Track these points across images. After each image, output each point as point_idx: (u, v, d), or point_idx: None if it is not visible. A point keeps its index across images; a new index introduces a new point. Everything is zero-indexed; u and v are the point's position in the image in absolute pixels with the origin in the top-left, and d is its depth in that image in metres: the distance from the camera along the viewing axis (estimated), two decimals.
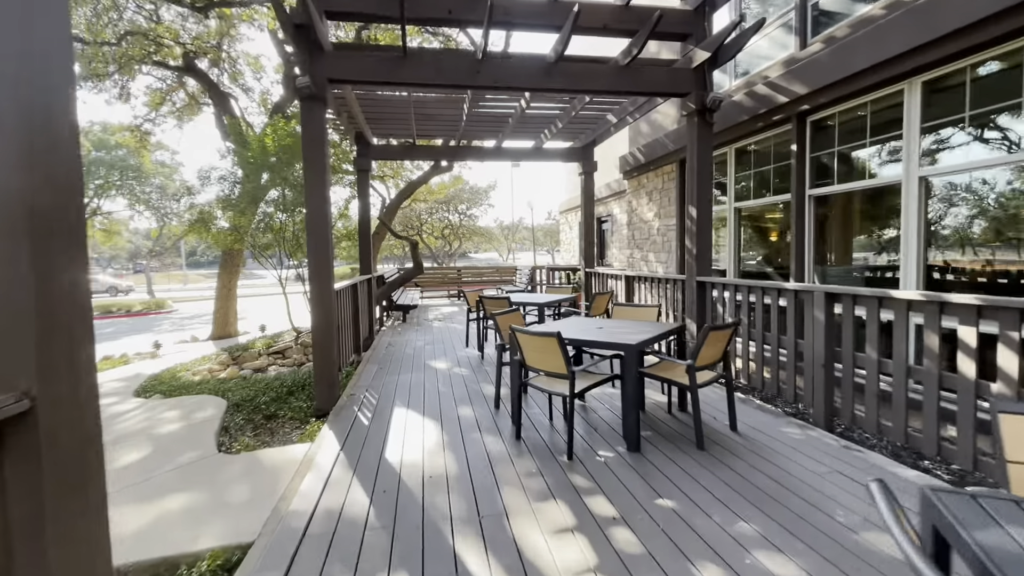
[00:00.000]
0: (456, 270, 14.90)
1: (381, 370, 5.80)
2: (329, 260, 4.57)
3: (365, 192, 8.10)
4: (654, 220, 7.71)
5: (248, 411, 4.76)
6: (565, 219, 16.04)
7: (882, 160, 4.32)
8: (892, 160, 4.22)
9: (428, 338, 7.98)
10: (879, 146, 4.31)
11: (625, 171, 8.57)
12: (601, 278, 8.03)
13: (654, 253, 7.73)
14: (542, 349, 3.20)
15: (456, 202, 32.93)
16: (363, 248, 8.13)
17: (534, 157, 8.67)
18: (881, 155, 4.32)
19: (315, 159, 4.46)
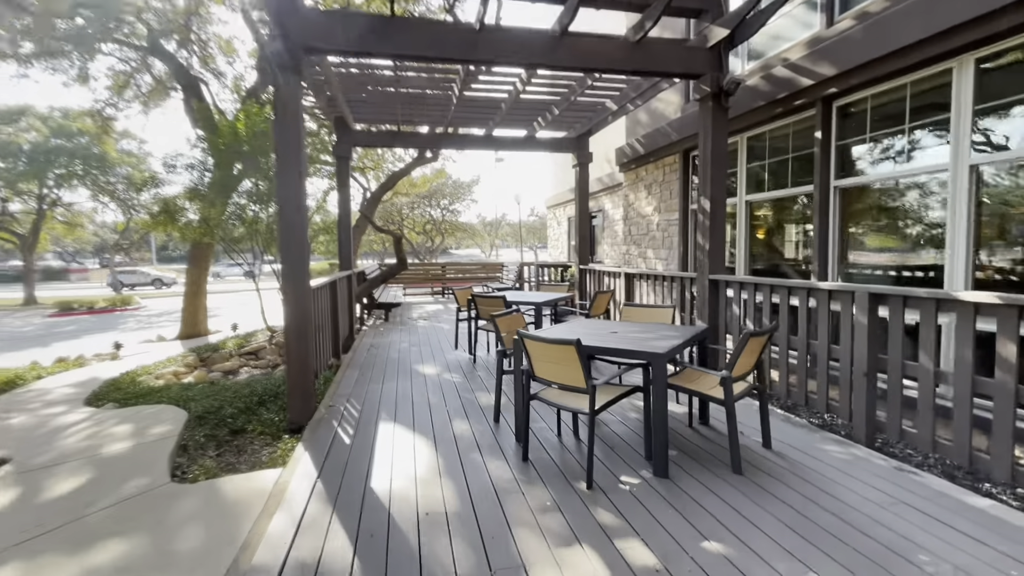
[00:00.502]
0: (440, 267, 14.35)
1: (363, 376, 5.27)
2: (305, 255, 4.03)
3: (345, 182, 7.52)
4: (653, 215, 7.33)
5: (212, 425, 4.19)
6: (553, 214, 15.61)
7: (923, 147, 3.97)
8: (935, 147, 3.87)
9: (413, 339, 7.46)
10: (919, 132, 3.96)
11: (622, 163, 8.16)
12: (597, 276, 7.61)
13: (653, 250, 7.35)
14: (557, 359, 2.74)
15: (438, 197, 32.24)
16: (343, 242, 7.55)
17: (526, 147, 8.19)
18: (922, 142, 3.97)
19: (289, 140, 3.91)
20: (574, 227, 13.02)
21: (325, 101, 6.58)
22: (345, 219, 7.55)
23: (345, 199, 7.54)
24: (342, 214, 7.54)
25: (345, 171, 7.54)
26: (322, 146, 12.29)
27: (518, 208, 16.30)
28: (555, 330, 3.61)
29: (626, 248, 8.36)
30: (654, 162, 7.24)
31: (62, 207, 25.56)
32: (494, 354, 6.21)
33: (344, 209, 7.55)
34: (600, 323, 3.98)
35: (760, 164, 5.67)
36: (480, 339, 6.50)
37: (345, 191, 7.53)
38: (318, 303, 5.09)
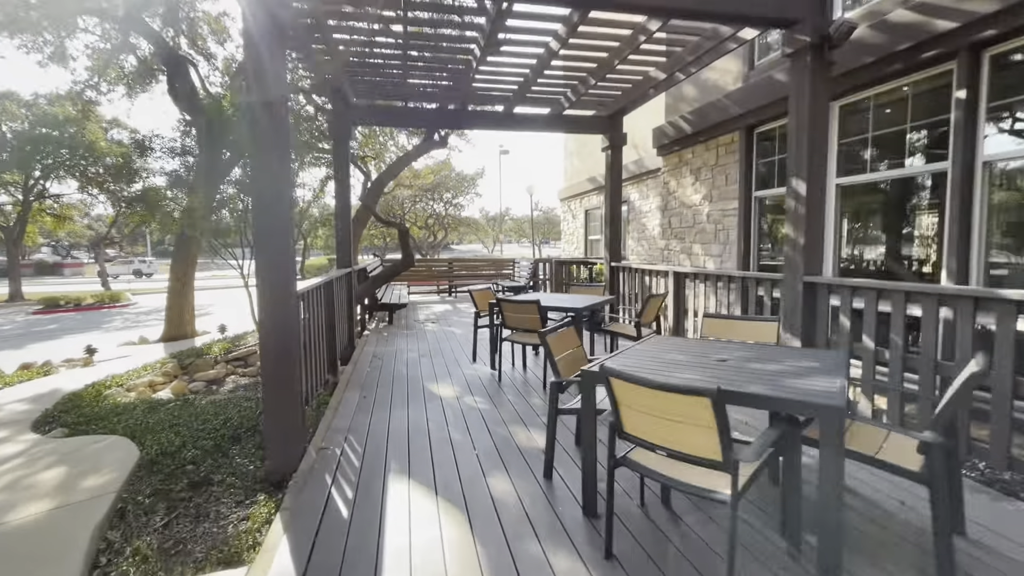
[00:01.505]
0: (447, 263, 13.34)
1: (365, 399, 4.27)
2: (287, 251, 3.03)
3: (344, 166, 6.50)
4: (703, 204, 6.32)
5: (167, 473, 3.20)
6: (567, 207, 14.57)
7: None
8: None
9: (422, 347, 6.46)
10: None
11: (661, 145, 7.14)
12: (633, 275, 6.60)
13: (702, 244, 6.34)
14: (672, 413, 1.74)
15: (441, 190, 31.16)
16: (342, 236, 6.55)
17: (551, 127, 7.16)
18: None
19: (269, 105, 2.90)
20: (599, 220, 11.97)
21: (321, 75, 5.55)
22: (344, 209, 6.54)
23: (344, 187, 6.53)
24: (340, 204, 6.53)
25: (344, 153, 6.52)
26: (320, 134, 11.26)
27: (529, 200, 15.27)
28: (635, 355, 2.60)
29: (664, 243, 7.35)
30: (704, 143, 6.22)
31: (50, 199, 24.52)
32: (522, 368, 5.21)
33: (343, 198, 6.54)
34: (682, 342, 2.97)
35: (859, 139, 4.63)
36: (505, 351, 5.51)
37: (344, 177, 6.51)
38: (311, 309, 4.09)
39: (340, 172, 6.56)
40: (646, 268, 6.22)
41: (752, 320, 3.22)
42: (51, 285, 31.55)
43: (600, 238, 12.25)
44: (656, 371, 2.28)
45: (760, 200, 5.54)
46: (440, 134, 10.51)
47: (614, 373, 1.90)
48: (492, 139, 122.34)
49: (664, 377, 2.10)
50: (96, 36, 12.76)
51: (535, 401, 4.14)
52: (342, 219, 6.59)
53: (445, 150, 16.38)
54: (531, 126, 7.12)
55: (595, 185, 12.06)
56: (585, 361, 3.05)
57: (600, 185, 11.76)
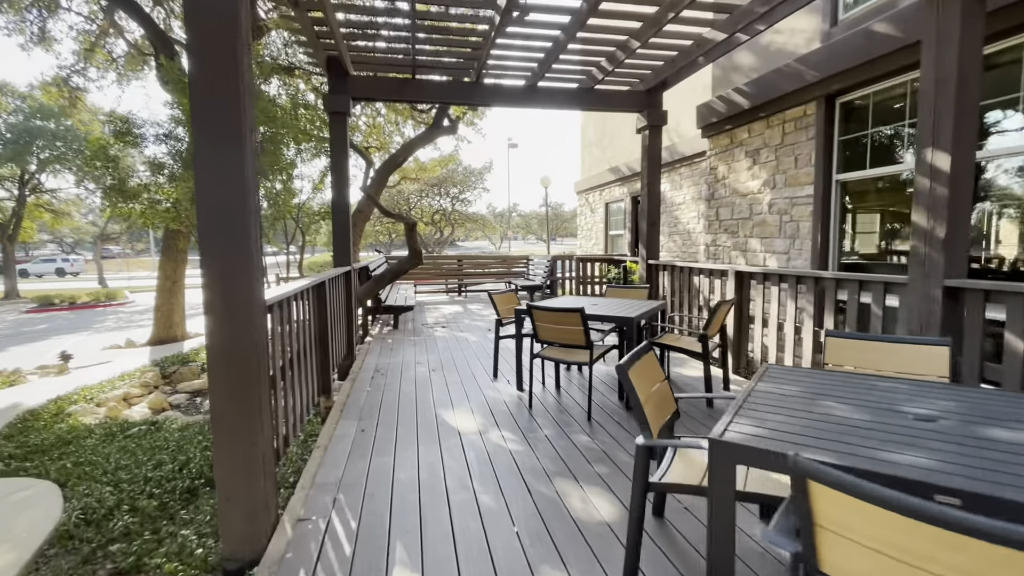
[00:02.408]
0: (456, 260, 12.42)
1: (364, 433, 3.37)
2: (248, 246, 2.13)
3: (341, 150, 5.59)
4: (763, 192, 5.37)
5: (86, 554, 2.31)
6: (585, 201, 13.62)
7: None
8: None
9: (432, 358, 5.56)
10: None
11: (708, 125, 6.18)
12: (680, 275, 5.66)
13: (761, 239, 5.40)
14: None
15: (448, 184, 30.26)
16: (339, 231, 5.65)
17: (579, 103, 6.21)
18: None
19: (221, 59, 2.01)
20: (622, 214, 11.00)
21: (315, 39, 4.63)
22: (341, 201, 5.64)
23: (341, 174, 5.62)
24: (337, 194, 5.62)
25: (341, 134, 5.61)
26: (322, 122, 10.37)
27: (544, 193, 14.29)
28: (768, 410, 1.68)
29: (710, 238, 6.40)
30: (766, 119, 5.27)
31: (47, 194, 23.84)
32: (555, 388, 4.30)
33: (340, 188, 5.64)
34: (820, 380, 2.04)
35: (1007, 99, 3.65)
36: (534, 369, 4.59)
37: (341, 163, 5.60)
38: (298, 316, 3.21)
39: (337, 157, 5.65)
40: (698, 267, 5.28)
41: (907, 343, 2.27)
42: (52, 283, 30.96)
43: (623, 233, 11.30)
44: (840, 444, 1.36)
45: (842, 185, 4.58)
46: (450, 118, 9.58)
47: (824, 477, 0.98)
48: (501, 131, 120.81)
49: (870, 461, 1.19)
50: (82, 17, 11.94)
51: (580, 439, 3.23)
52: (339, 211, 5.68)
53: (453, 140, 15.45)
54: (556, 102, 6.17)
55: (617, 176, 11.10)
56: (672, 400, 2.14)
57: (624, 176, 10.80)
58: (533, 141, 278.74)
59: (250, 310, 2.13)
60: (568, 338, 3.62)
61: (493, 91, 5.97)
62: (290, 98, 10.66)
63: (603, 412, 3.72)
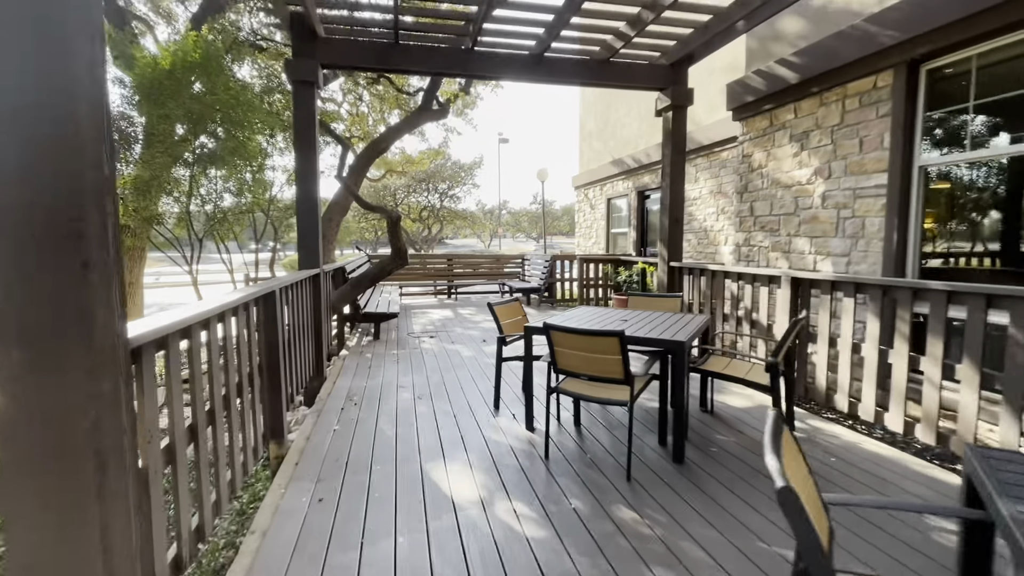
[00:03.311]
0: (445, 259, 11.45)
1: (320, 512, 2.41)
2: (89, 260, 1.16)
3: (308, 128, 4.60)
4: (814, 181, 4.50)
5: None
6: (584, 196, 12.72)
7: None
8: None
9: (419, 380, 4.61)
10: None
11: (742, 105, 5.30)
12: (709, 280, 4.79)
13: (811, 238, 4.53)
14: None
15: (436, 179, 29.19)
16: (305, 227, 4.67)
17: (593, 76, 5.29)
18: None
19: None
20: (626, 210, 10.11)
21: None
22: (309, 191, 4.66)
23: (308, 160, 4.63)
24: (304, 185, 4.64)
25: (307, 110, 4.62)
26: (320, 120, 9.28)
27: (541, 188, 13.32)
28: None
29: (743, 236, 5.52)
30: (819, 94, 4.40)
31: None
32: (572, 423, 3.38)
33: (307, 175, 4.65)
34: None
35: None
36: (550, 403, 3.68)
37: (307, 146, 4.61)
38: (228, 344, 2.27)
39: (303, 137, 4.67)
40: (737, 271, 4.40)
41: None
42: None
43: (626, 231, 10.43)
44: None
45: (926, 172, 3.73)
46: (439, 101, 8.61)
47: None
48: (491, 126, 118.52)
49: None
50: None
51: (623, 514, 2.32)
52: (306, 204, 4.71)
53: (443, 132, 14.53)
54: (566, 75, 5.25)
55: (621, 169, 10.22)
56: (821, 506, 1.24)
57: (629, 169, 9.92)
58: (524, 137, 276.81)
59: (91, 359, 1.18)
60: (600, 369, 2.71)
61: (493, 60, 5.02)
62: (264, 80, 9.62)
63: (643, 465, 2.82)
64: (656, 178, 9.14)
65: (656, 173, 9.14)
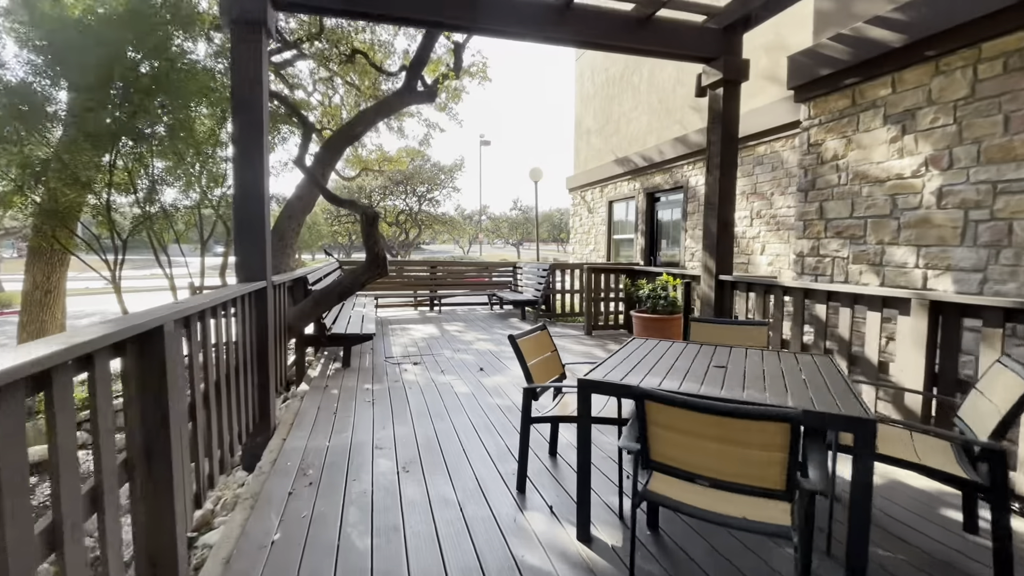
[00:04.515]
0: (428, 267, 10.16)
1: None
2: None
3: (253, 90, 3.33)
4: (922, 174, 3.44)
5: None
6: (580, 198, 11.65)
7: None
8: None
9: (402, 435, 3.35)
10: None
11: (810, 82, 4.26)
12: (780, 301, 3.71)
13: (921, 248, 3.46)
14: None
15: (415, 182, 27.78)
16: (247, 227, 3.38)
17: (629, 37, 4.15)
18: None
19: None
20: (633, 213, 8.95)
21: None
22: (254, 177, 3.38)
23: (251, 137, 3.35)
24: (245, 168, 3.35)
25: (253, 61, 3.34)
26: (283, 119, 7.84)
27: (535, 188, 12.17)
28: None
29: (809, 244, 4.45)
30: (934, 60, 3.35)
31: None
32: (648, 534, 2.19)
33: (251, 157, 3.36)
34: None
35: None
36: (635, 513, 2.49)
37: (252, 108, 3.34)
38: None
39: (246, 104, 3.38)
40: (827, 289, 3.31)
41: None
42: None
43: (632, 237, 9.36)
44: None
45: None
46: (425, 82, 7.38)
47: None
48: (474, 125, 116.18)
49: None
50: None
51: None
52: (248, 193, 3.43)
53: (423, 127, 13.29)
54: (595, 34, 4.10)
55: (627, 168, 9.17)
56: None
57: (636, 168, 8.87)
58: (506, 140, 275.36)
59: None
60: (739, 471, 1.53)
61: (506, 7, 3.84)
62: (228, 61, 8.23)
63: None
64: (670, 178, 8.10)
65: (670, 172, 8.10)
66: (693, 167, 7.47)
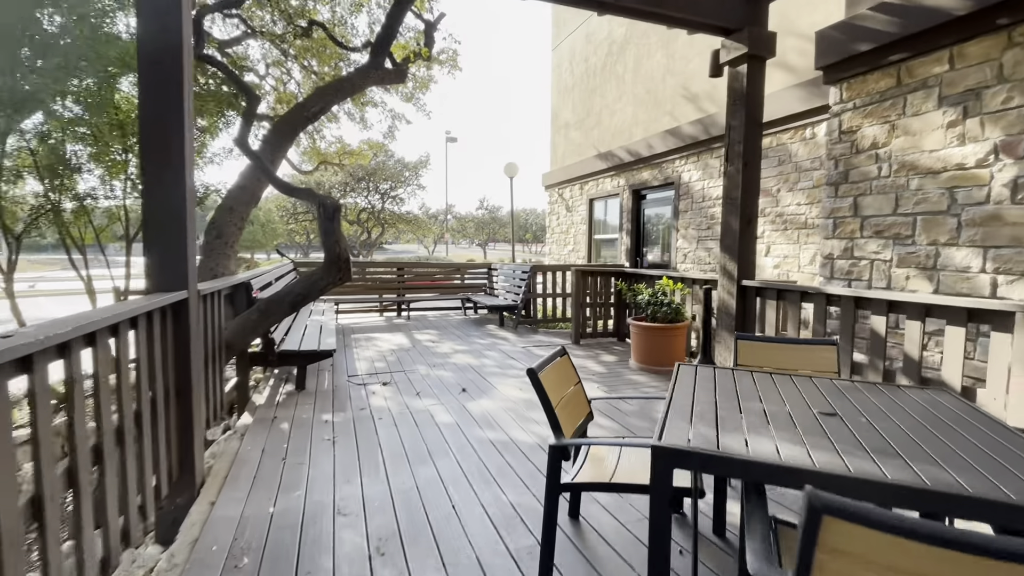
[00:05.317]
0: (395, 268, 9.28)
1: None
2: None
3: (169, 30, 2.49)
4: (990, 164, 2.92)
5: None
6: (558, 196, 11.02)
7: None
8: None
9: (373, 494, 2.57)
10: None
11: (845, 60, 3.73)
12: (823, 311, 3.16)
13: (989, 250, 2.94)
14: None
15: (378, 179, 26.56)
16: (157, 217, 2.52)
17: (644, 2, 3.52)
18: None
19: None
20: (617, 211, 8.35)
21: None
22: (171, 154, 2.52)
23: (169, 92, 2.49)
24: (159, 145, 2.49)
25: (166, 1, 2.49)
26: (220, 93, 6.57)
27: (510, 185, 11.45)
28: None
29: (841, 245, 3.91)
30: (1006, 29, 2.86)
31: None
32: None
33: (165, 129, 2.50)
34: None
35: None
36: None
37: (170, 58, 2.49)
38: None
39: (160, 56, 2.52)
40: (887, 299, 2.77)
41: None
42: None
43: (616, 237, 8.80)
44: None
45: None
46: (393, 60, 6.55)
47: None
48: (440, 121, 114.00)
49: None
50: None
51: None
52: (163, 178, 2.56)
53: (388, 118, 12.37)
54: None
55: (610, 164, 8.60)
56: None
57: (621, 163, 8.30)
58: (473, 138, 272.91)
59: None
60: None
61: None
62: None
63: None
64: (659, 173, 7.57)
65: (659, 167, 7.56)
66: (686, 161, 6.95)
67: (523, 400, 4.06)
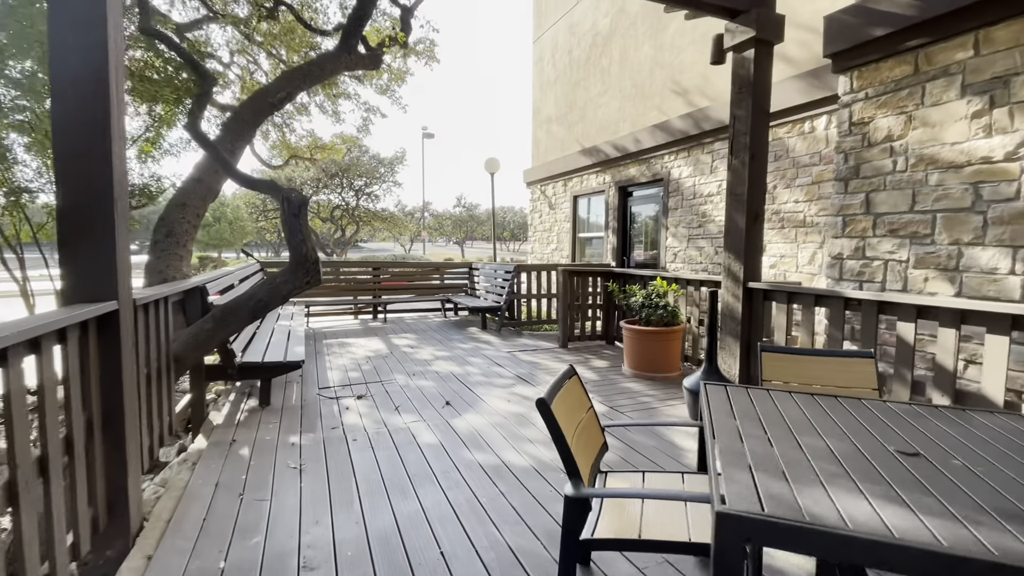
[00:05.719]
0: (371, 268, 8.80)
1: None
2: None
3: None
4: (1019, 157, 2.73)
5: None
6: (540, 193, 10.70)
7: None
8: None
9: (347, 537, 2.18)
10: None
11: (857, 46, 3.47)
12: (840, 315, 2.91)
13: (1017, 250, 2.76)
14: None
15: (352, 175, 25.77)
16: (75, 211, 2.08)
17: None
18: None
19: None
20: (603, 209, 8.03)
21: None
22: (95, 131, 2.08)
23: (91, 57, 2.06)
24: (77, 123, 2.05)
25: None
26: None
27: (491, 181, 11.02)
28: None
29: (852, 244, 3.67)
30: None
31: None
32: None
33: (88, 106, 2.06)
34: None
35: None
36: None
37: (94, 20, 2.06)
38: None
39: (83, 14, 2.07)
40: (918, 304, 2.52)
41: None
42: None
43: (602, 235, 8.52)
44: None
45: None
46: (367, 44, 6.10)
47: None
48: (418, 117, 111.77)
49: None
50: None
51: None
52: (82, 168, 2.11)
53: (360, 110, 11.82)
54: None
55: (595, 160, 8.31)
56: None
57: (606, 159, 8.02)
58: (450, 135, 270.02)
59: None
60: None
61: None
62: None
63: None
64: (647, 169, 7.30)
65: (647, 163, 7.30)
66: (675, 157, 6.70)
67: (513, 415, 3.71)
